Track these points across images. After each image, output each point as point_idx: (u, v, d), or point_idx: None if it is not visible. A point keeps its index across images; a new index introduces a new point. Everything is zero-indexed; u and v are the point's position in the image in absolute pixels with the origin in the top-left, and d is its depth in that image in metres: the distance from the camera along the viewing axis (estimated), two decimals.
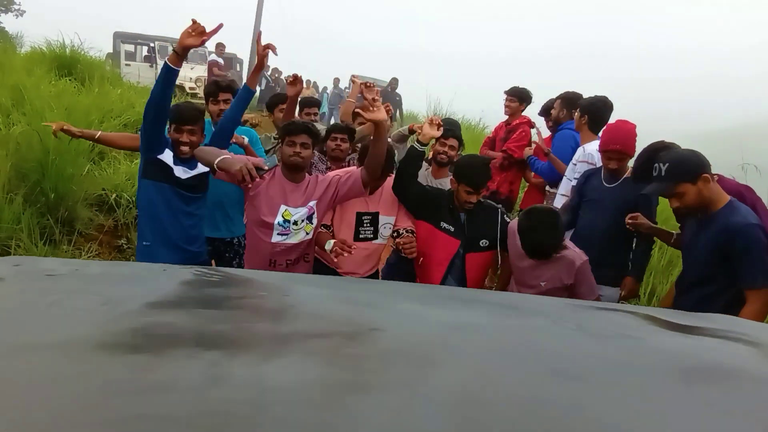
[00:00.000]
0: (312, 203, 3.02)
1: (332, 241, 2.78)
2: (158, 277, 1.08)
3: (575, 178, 3.70)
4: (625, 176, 3.18)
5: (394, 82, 14.85)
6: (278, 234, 3.05)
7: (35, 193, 4.50)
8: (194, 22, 2.68)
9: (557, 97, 4.62)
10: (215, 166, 2.64)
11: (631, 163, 3.27)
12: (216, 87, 3.63)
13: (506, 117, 5.10)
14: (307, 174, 3.05)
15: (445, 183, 3.60)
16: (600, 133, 3.70)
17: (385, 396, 0.61)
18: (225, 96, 3.54)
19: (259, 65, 3.20)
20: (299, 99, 4.28)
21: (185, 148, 2.86)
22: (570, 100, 4.46)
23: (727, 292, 2.45)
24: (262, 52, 3.16)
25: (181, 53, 2.70)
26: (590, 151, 3.72)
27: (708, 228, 2.46)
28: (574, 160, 3.88)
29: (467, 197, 2.93)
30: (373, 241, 3.14)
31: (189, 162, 2.94)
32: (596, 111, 3.87)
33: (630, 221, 2.93)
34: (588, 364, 0.77)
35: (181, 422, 0.48)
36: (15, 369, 0.56)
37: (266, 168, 2.77)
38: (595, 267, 2.90)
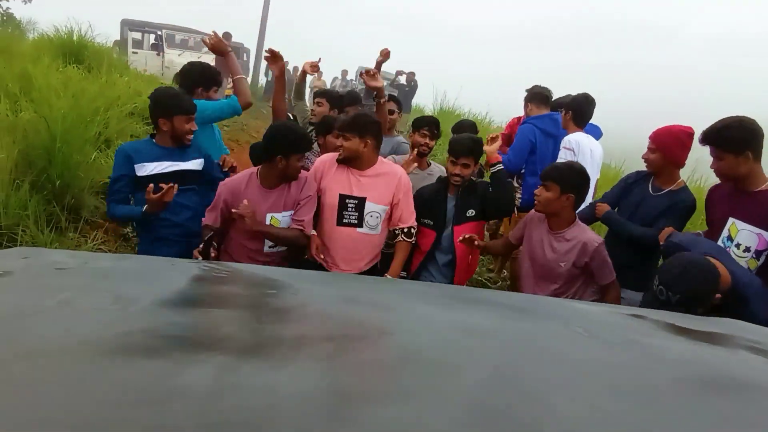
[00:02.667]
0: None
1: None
2: (167, 274, 1.08)
3: None
4: (669, 189, 3.07)
5: (411, 75, 14.46)
6: (270, 246, 2.99)
7: (42, 180, 4.50)
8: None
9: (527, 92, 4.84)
10: None
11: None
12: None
13: (521, 112, 5.17)
14: None
15: (433, 173, 3.78)
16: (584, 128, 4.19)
17: (397, 402, 0.61)
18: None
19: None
20: (314, 89, 4.34)
21: (191, 136, 3.02)
22: (537, 95, 4.71)
23: None
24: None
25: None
26: (569, 138, 4.04)
27: None
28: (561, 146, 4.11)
29: (452, 168, 3.15)
30: (358, 229, 2.97)
31: (182, 153, 3.03)
32: (578, 106, 4.17)
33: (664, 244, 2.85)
34: (598, 371, 0.76)
35: None
36: (26, 373, 0.56)
37: None
38: (620, 268, 2.94)
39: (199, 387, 0.56)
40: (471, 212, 3.20)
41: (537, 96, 4.70)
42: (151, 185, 2.69)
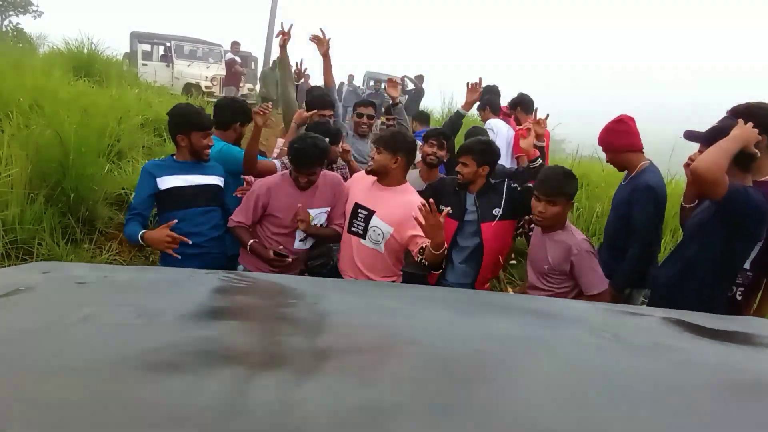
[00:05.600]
0: (327, 208, 3.12)
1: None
2: (187, 285, 1.08)
3: None
4: (631, 176, 3.04)
5: (419, 79, 14.24)
6: (300, 240, 3.05)
7: (56, 193, 4.54)
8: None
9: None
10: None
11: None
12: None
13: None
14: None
15: None
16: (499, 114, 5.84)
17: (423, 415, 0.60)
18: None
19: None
20: (312, 96, 4.31)
21: (209, 151, 3.06)
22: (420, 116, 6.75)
23: None
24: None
25: None
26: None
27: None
28: None
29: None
30: (362, 240, 2.95)
31: (201, 168, 3.06)
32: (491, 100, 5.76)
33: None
34: (634, 382, 0.74)
35: None
36: (52, 391, 0.56)
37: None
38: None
39: (224, 403, 0.55)
40: (497, 211, 3.17)
41: (419, 116, 6.66)
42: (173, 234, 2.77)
